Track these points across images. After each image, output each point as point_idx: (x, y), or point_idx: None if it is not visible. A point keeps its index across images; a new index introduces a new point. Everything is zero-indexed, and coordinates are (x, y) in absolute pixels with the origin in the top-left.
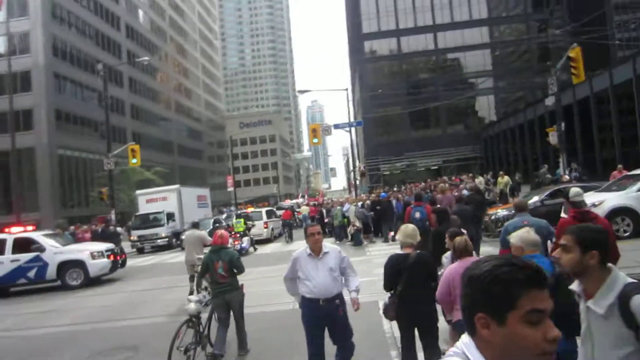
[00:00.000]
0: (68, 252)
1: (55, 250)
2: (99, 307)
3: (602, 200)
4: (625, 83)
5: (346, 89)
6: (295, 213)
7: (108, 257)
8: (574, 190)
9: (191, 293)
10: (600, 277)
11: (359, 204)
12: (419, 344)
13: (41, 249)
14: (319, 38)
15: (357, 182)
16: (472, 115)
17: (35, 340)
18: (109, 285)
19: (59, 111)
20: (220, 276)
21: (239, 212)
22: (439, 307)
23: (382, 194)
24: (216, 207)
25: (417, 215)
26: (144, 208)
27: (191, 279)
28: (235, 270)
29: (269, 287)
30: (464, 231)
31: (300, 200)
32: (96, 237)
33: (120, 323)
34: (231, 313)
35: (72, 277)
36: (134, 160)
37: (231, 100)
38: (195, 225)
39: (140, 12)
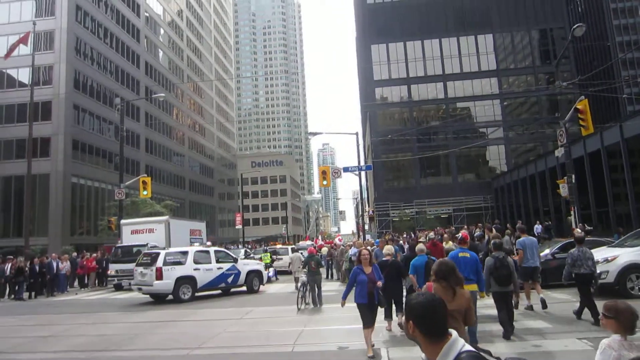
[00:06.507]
0: (250, 264)
1: (243, 262)
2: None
3: (615, 256)
4: (637, 137)
5: (356, 133)
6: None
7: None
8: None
9: (296, 280)
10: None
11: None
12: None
13: (235, 260)
14: (331, 82)
15: (366, 227)
16: (483, 165)
17: None
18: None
19: (76, 141)
20: (312, 268)
21: (266, 247)
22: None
23: (375, 241)
24: (223, 244)
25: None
26: (127, 239)
27: (295, 279)
28: (319, 266)
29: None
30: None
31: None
32: (102, 265)
33: None
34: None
35: (255, 283)
36: (145, 192)
37: (244, 139)
38: (295, 250)
39: (160, 52)
